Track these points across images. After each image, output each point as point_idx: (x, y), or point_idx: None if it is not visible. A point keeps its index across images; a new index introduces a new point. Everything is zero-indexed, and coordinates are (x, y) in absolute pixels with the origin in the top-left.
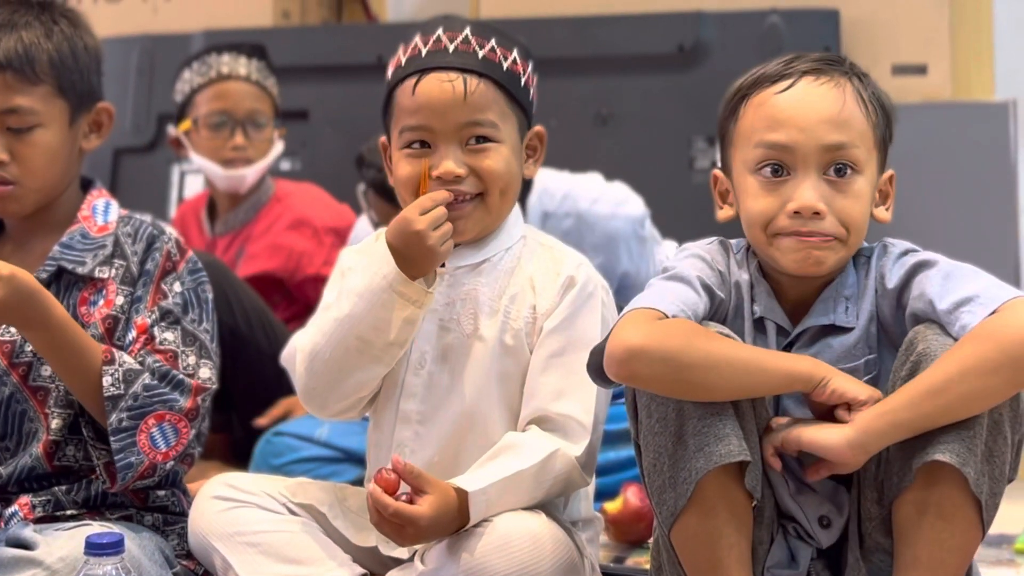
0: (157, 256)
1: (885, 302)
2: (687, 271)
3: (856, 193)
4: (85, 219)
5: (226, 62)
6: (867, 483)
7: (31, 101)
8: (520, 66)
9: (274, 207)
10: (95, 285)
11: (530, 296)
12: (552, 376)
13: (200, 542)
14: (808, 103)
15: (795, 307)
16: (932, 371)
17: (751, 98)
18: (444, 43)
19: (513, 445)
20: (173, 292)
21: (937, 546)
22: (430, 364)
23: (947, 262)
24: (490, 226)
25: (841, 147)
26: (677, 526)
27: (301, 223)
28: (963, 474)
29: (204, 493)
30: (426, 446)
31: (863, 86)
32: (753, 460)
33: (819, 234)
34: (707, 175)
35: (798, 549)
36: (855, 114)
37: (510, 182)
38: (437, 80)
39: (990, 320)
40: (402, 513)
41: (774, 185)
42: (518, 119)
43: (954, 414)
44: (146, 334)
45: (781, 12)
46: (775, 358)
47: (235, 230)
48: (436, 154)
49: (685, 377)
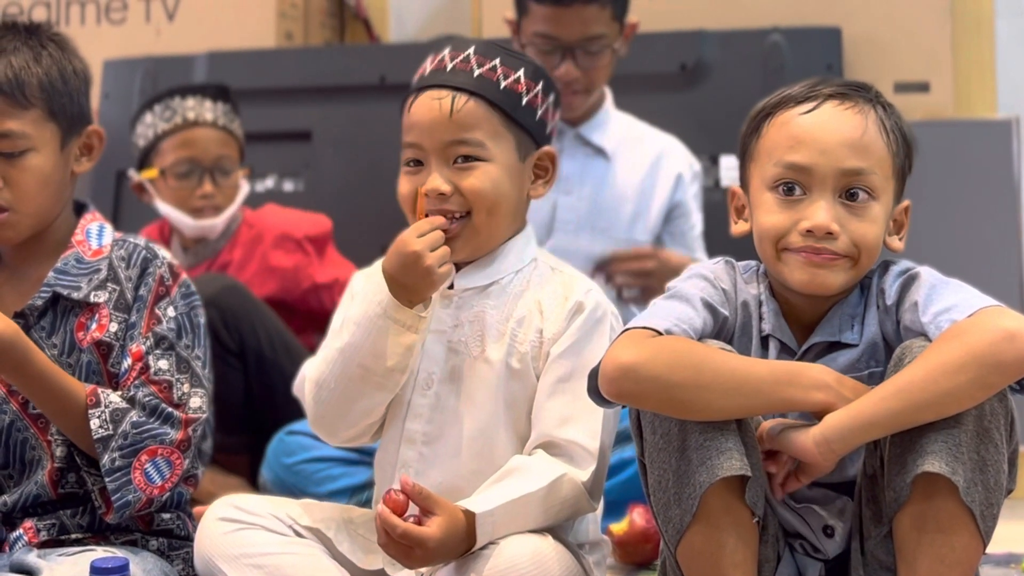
0: (150, 281)
1: (887, 319)
2: (688, 290)
3: (871, 218)
4: (79, 243)
5: (191, 107)
6: (867, 499)
7: (22, 125)
8: (523, 85)
9: (245, 232)
10: (91, 310)
11: (537, 320)
12: (558, 402)
13: (206, 564)
14: (831, 126)
15: (803, 327)
16: (902, 372)
17: (775, 117)
18: (445, 62)
19: (520, 468)
20: (167, 317)
21: (938, 561)
22: (437, 385)
23: (935, 276)
24: (481, 247)
25: (859, 172)
26: (683, 544)
27: (283, 239)
28: (953, 482)
29: (210, 514)
30: (431, 467)
31: (886, 115)
32: (755, 476)
33: (830, 252)
34: (709, 193)
35: (806, 566)
36: (876, 141)
37: (498, 202)
38: (428, 98)
39: (960, 323)
40: (410, 535)
41: (789, 203)
42: (516, 139)
43: (924, 413)
44: (141, 362)
45: (783, 30)
46: (772, 381)
47: (208, 259)
48: (426, 172)
49: (676, 396)
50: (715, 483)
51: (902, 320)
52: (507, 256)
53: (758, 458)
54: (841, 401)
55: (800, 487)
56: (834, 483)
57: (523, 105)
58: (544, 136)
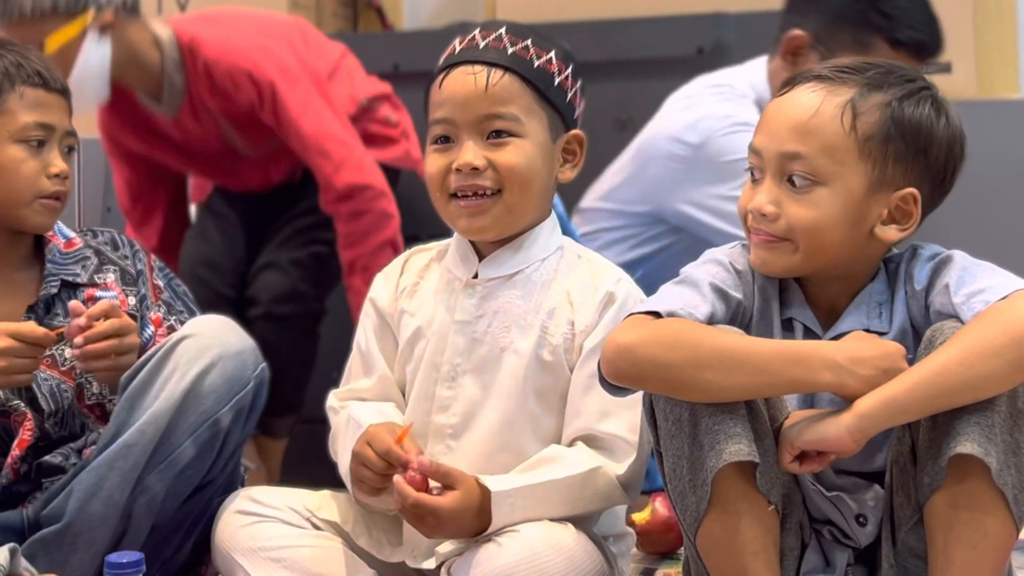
0: (142, 256)
1: (914, 303)
2: (696, 275)
3: (813, 202)
4: (52, 237)
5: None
6: (898, 487)
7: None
8: (555, 66)
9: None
10: (96, 286)
11: (568, 312)
12: (596, 395)
13: (223, 557)
14: (782, 110)
15: (826, 312)
16: (935, 355)
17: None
18: (477, 40)
19: (554, 458)
20: (161, 287)
21: (970, 548)
22: (461, 377)
23: (967, 259)
24: (512, 225)
25: (795, 156)
26: (701, 531)
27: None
28: (986, 464)
29: (227, 507)
30: (459, 461)
31: (873, 96)
32: (765, 462)
33: (766, 234)
34: None
35: (834, 553)
36: (825, 124)
37: (530, 178)
38: (462, 73)
39: (995, 305)
40: (423, 504)
41: (752, 185)
42: (549, 118)
43: (958, 397)
44: (162, 328)
45: None
46: (779, 360)
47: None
48: (456, 148)
49: (674, 376)
50: (727, 469)
51: (932, 304)
52: (533, 244)
53: (770, 444)
54: (852, 381)
55: (820, 469)
56: (863, 472)
57: (555, 85)
58: (572, 120)
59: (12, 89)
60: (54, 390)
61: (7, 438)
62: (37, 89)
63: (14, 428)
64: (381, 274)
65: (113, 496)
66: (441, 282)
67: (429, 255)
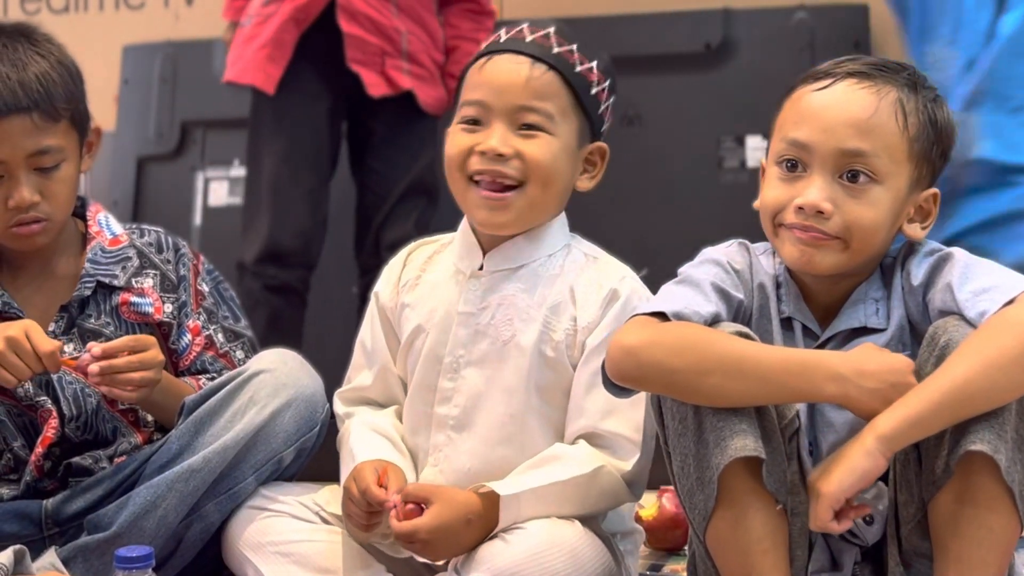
0: (186, 261)
1: (912, 299)
2: (697, 275)
3: (870, 201)
4: (97, 234)
5: None
6: (902, 485)
7: (56, 139)
8: (596, 76)
9: None
10: (132, 291)
11: (570, 308)
12: (599, 394)
13: (233, 552)
14: (837, 105)
15: (824, 310)
16: (951, 366)
17: (794, 92)
18: (524, 33)
19: (559, 456)
20: (206, 292)
21: (975, 545)
22: (464, 369)
23: (968, 256)
24: (532, 221)
25: (859, 154)
26: (710, 530)
27: None
28: (995, 461)
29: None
30: (461, 453)
31: (911, 97)
32: (773, 460)
33: (818, 231)
34: (736, 174)
35: (841, 551)
36: (886, 123)
37: (554, 176)
38: (506, 61)
39: (1008, 310)
40: (403, 530)
41: (790, 179)
42: (580, 123)
43: (976, 408)
44: (200, 337)
45: (809, 8)
46: (782, 370)
47: None
48: (484, 133)
49: (678, 381)
50: (733, 466)
51: (932, 302)
52: (541, 239)
53: (777, 444)
54: (857, 393)
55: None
56: None
57: (592, 94)
58: (599, 132)
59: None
60: (77, 394)
61: (33, 433)
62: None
63: (40, 423)
64: (384, 268)
65: (167, 516)
66: (444, 275)
67: (432, 248)
